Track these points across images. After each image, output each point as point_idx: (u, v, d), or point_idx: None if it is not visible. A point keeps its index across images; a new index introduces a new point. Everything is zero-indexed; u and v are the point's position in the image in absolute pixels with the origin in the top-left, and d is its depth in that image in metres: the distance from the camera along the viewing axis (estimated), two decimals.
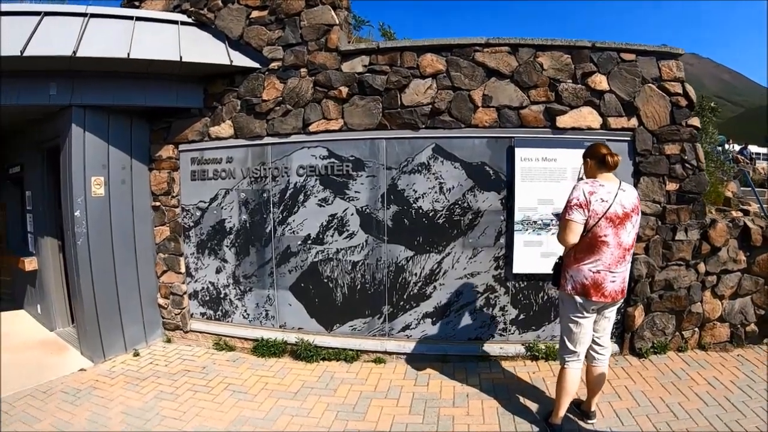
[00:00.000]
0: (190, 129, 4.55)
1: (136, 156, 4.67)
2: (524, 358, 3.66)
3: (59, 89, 4.04)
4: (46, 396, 3.59)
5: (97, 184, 4.32)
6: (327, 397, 3.33)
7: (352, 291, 3.97)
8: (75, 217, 4.18)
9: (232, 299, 4.53)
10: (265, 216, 4.13)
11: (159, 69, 4.21)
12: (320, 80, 3.94)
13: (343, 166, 3.88)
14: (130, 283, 4.65)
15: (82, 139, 4.20)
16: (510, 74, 3.60)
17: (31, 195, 5.47)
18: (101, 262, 4.37)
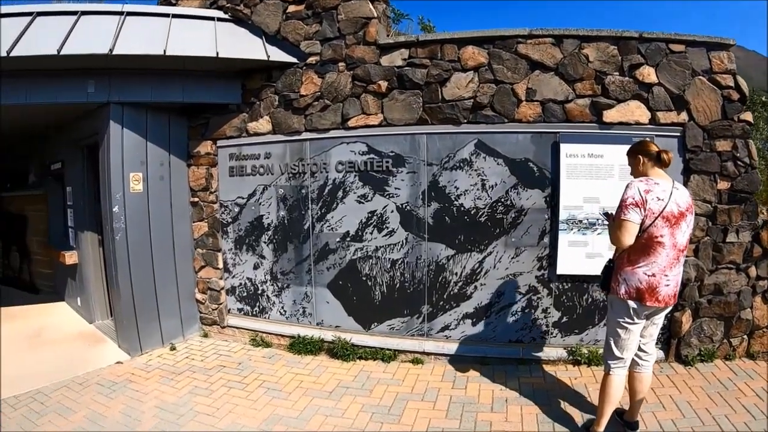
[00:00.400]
0: (228, 125, 4.70)
1: (174, 152, 4.85)
2: (566, 362, 3.63)
3: (97, 87, 4.19)
4: (82, 388, 3.74)
5: (135, 180, 4.51)
6: (362, 397, 3.36)
7: (391, 289, 4.01)
8: (113, 213, 4.36)
9: (270, 295, 4.68)
10: (304, 212, 4.22)
11: (196, 65, 4.34)
12: (359, 74, 3.98)
13: (383, 162, 3.92)
14: (167, 277, 4.83)
15: (120, 135, 4.37)
16: (554, 67, 3.55)
17: (71, 191, 5.75)
18: (139, 256, 4.55)
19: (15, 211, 7.46)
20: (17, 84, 4.07)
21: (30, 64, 3.76)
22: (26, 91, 4.12)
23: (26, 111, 4.66)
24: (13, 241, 7.67)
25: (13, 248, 7.77)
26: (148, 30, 3.93)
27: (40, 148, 6.86)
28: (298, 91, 4.16)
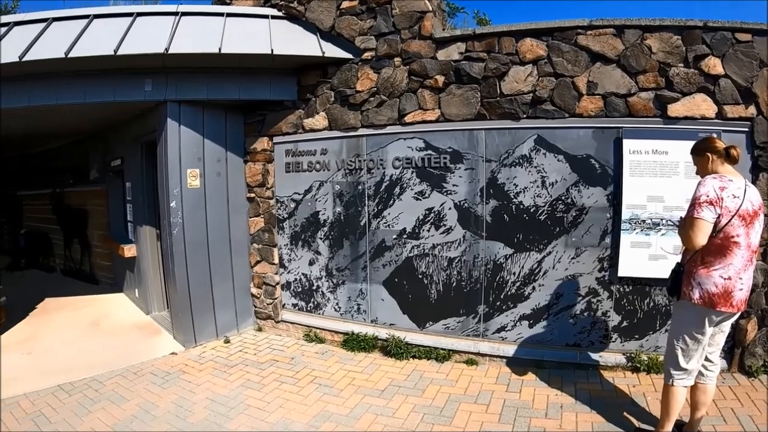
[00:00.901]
0: (284, 121, 5.25)
1: (231, 148, 5.45)
2: (624, 368, 3.77)
3: (154, 86, 4.61)
4: (136, 377, 4.19)
5: (192, 176, 5.14)
6: (414, 397, 3.58)
7: (447, 288, 4.38)
8: (171, 208, 4.96)
9: (324, 291, 5.21)
10: (360, 209, 4.65)
11: (251, 63, 4.76)
12: (415, 69, 4.28)
13: (441, 158, 4.24)
14: (223, 271, 5.45)
15: (177, 132, 4.95)
16: (616, 58, 3.67)
17: (130, 186, 6.54)
18: (196, 251, 5.15)
19: (77, 206, 8.60)
20: (75, 84, 4.71)
21: (87, 65, 4.27)
22: (84, 91, 4.75)
23: (85, 110, 5.37)
24: (75, 235, 8.82)
25: (74, 241, 8.91)
26: (203, 29, 4.38)
27: (101, 146, 7.78)
28: (353, 86, 4.55)
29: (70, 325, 6.11)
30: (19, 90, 4.67)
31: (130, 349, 5.19)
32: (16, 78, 4.60)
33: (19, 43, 4.32)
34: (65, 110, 5.30)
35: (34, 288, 8.41)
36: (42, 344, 5.45)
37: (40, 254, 10.09)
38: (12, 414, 3.57)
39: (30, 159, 10.46)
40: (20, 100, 4.72)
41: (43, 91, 4.70)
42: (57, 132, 7.54)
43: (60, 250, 9.52)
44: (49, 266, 9.92)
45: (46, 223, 9.80)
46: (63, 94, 4.71)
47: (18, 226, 10.88)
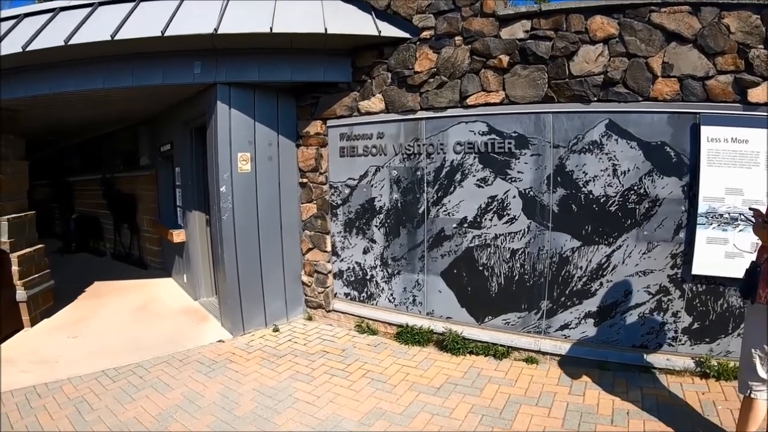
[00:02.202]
0: (338, 104, 5.60)
1: (282, 132, 5.99)
2: (692, 374, 3.88)
3: (203, 68, 5.01)
4: (182, 365, 4.58)
5: (243, 160, 5.68)
6: (472, 396, 3.76)
7: (509, 281, 4.63)
8: (221, 193, 5.45)
9: (379, 281, 5.66)
10: (418, 196, 4.99)
11: (303, 43, 4.95)
12: (477, 48, 4.50)
13: (505, 143, 4.48)
14: (274, 258, 6.03)
15: (227, 116, 5.25)
16: (692, 38, 3.75)
17: (180, 171, 7.25)
18: (246, 237, 5.68)
19: (126, 191, 9.66)
20: (123, 68, 4.93)
21: (134, 48, 4.67)
22: (132, 74, 4.97)
23: (135, 94, 5.96)
24: (124, 219, 9.90)
25: (124, 226, 9.99)
26: (254, 9, 4.69)
27: (150, 131, 8.64)
28: (412, 67, 4.83)
29: (118, 309, 6.89)
30: (67, 75, 5.28)
31: (177, 335, 5.80)
32: (63, 63, 5.20)
33: (65, 28, 4.85)
34: (114, 96, 5.93)
35: (83, 271, 9.46)
36: (89, 327, 6.19)
37: (90, 238, 11.52)
38: (54, 399, 3.93)
39: (80, 146, 11.86)
40: (67, 85, 5.32)
41: (90, 75, 5.26)
42: (108, 119, 8.38)
43: (110, 234, 10.77)
44: (99, 250, 11.27)
45: (97, 208, 11.15)
46: (110, 78, 5.21)
47: (69, 211, 12.47)
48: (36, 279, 6.38)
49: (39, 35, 4.56)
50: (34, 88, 5.31)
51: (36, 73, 5.30)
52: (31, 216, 6.61)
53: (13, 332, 5.97)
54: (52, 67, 5.23)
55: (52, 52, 4.65)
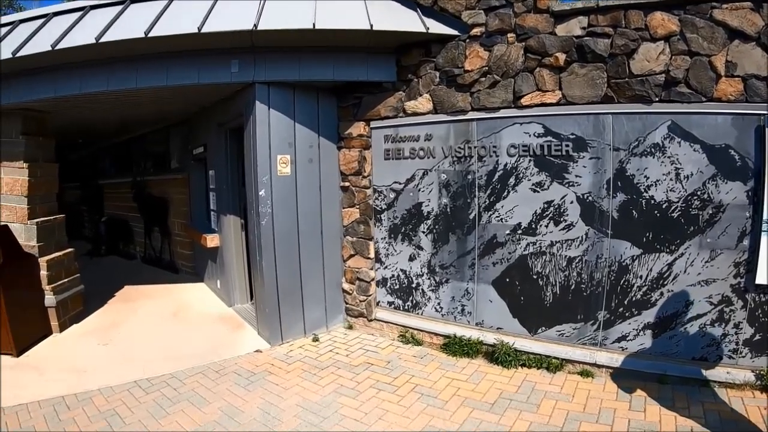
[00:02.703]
0: (382, 104, 5.67)
1: (323, 134, 6.06)
2: (753, 387, 3.88)
3: (241, 66, 5.06)
4: (219, 376, 4.62)
5: (283, 162, 5.76)
6: (529, 413, 3.76)
7: (565, 291, 4.63)
8: (260, 197, 5.39)
9: (425, 290, 5.70)
10: (469, 200, 5.02)
11: (346, 41, 5.02)
12: (532, 46, 4.49)
13: (562, 146, 4.47)
14: (314, 265, 6.09)
15: (266, 116, 5.29)
16: (756, 36, 3.72)
17: (214, 174, 7.38)
18: (285, 242, 5.63)
19: (157, 194, 9.96)
20: (157, 66, 4.99)
21: (169, 45, 4.75)
22: (166, 73, 5.04)
23: (169, 94, 6.08)
24: (155, 223, 10.21)
25: (155, 229, 10.32)
26: (294, 5, 4.72)
27: (183, 133, 8.83)
28: (461, 66, 4.85)
29: (150, 315, 7.06)
30: (98, 74, 5.40)
31: (212, 343, 5.91)
32: (94, 63, 5.32)
33: (95, 26, 4.94)
34: (147, 97, 6.09)
35: (113, 275, 9.75)
36: (120, 334, 6.33)
37: (120, 241, 12.00)
38: (84, 411, 3.96)
39: (111, 148, 12.37)
40: (98, 85, 5.45)
41: (122, 75, 5.35)
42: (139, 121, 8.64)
43: (140, 237, 11.13)
44: (129, 253, 11.70)
45: (127, 211, 11.55)
46: (144, 76, 5.08)
47: (99, 213, 13.04)
48: (65, 284, 6.57)
49: (69, 33, 4.66)
50: (63, 88, 5.21)
51: (65, 73, 5.42)
52: (60, 219, 6.81)
53: (42, 338, 6.16)
54: (83, 66, 5.35)
55: (82, 51, 4.80)
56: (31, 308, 6.04)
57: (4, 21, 5.20)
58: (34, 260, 6.15)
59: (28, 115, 6.33)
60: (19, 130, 6.29)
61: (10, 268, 5.64)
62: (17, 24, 5.05)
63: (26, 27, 4.96)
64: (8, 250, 5.72)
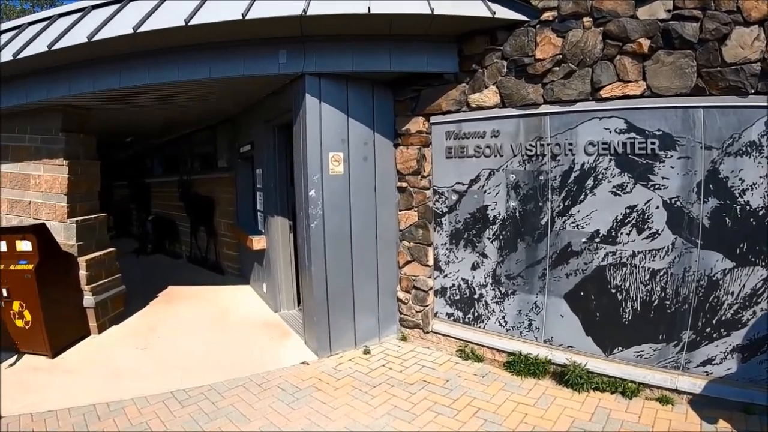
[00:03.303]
0: (444, 98, 5.57)
1: (379, 130, 6.03)
2: None
3: (289, 57, 5.08)
4: (261, 390, 4.61)
5: (335, 160, 5.73)
6: None
7: (646, 307, 4.43)
8: (310, 197, 5.40)
9: (489, 302, 5.59)
10: (541, 204, 4.88)
11: (404, 27, 4.95)
12: (611, 31, 4.36)
13: (647, 144, 4.30)
14: (367, 272, 6.00)
15: (317, 111, 5.32)
16: None
17: (261, 173, 7.48)
18: (337, 247, 5.58)
19: (204, 193, 10.37)
20: (200, 58, 5.06)
21: (212, 35, 4.79)
22: (209, 65, 5.10)
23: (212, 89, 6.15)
24: (201, 222, 10.62)
25: (200, 229, 10.74)
26: None
27: (229, 131, 9.05)
28: (532, 54, 4.76)
29: (192, 318, 7.23)
30: (138, 67, 5.50)
31: (255, 352, 5.98)
32: (133, 55, 5.43)
33: (134, 17, 4.97)
34: (191, 93, 6.19)
35: (158, 274, 10.17)
36: (159, 338, 6.49)
37: (167, 240, 12.76)
38: (115, 422, 4.00)
39: (158, 147, 13.04)
40: (137, 78, 5.55)
41: (163, 67, 5.41)
42: (186, 119, 8.91)
43: (186, 237, 11.67)
44: (175, 252, 12.39)
45: (173, 210, 12.19)
46: (186, 69, 5.15)
47: (146, 212, 13.91)
48: (105, 284, 6.84)
49: (106, 25, 4.74)
50: (101, 82, 5.36)
51: (105, 67, 5.54)
52: (102, 218, 7.09)
53: (79, 339, 6.42)
54: (122, 59, 5.46)
55: (121, 42, 5.03)
56: (69, 309, 6.32)
57: (43, 16, 5.36)
58: (73, 260, 6.42)
59: (69, 112, 6.60)
60: (59, 127, 6.57)
61: (48, 267, 5.90)
62: (56, 18, 5.21)
63: (64, 21, 5.10)
64: (46, 248, 5.97)
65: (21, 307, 5.89)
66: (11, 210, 6.83)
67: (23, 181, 6.77)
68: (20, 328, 5.95)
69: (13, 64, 5.44)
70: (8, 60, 5.39)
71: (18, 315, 5.93)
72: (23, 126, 6.74)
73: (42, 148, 6.65)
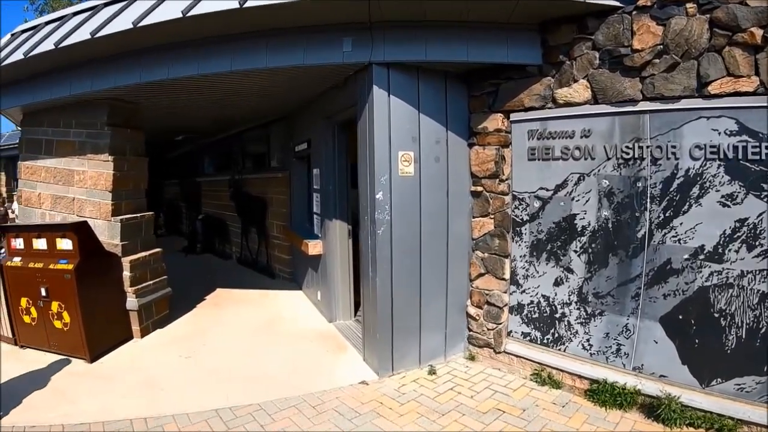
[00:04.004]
0: (526, 93, 5.40)
1: (452, 128, 5.95)
2: None
3: (355, 44, 5.02)
4: (316, 413, 4.55)
5: (405, 160, 5.67)
6: None
7: (752, 335, 4.22)
8: (376, 201, 5.23)
9: (572, 322, 5.40)
10: (638, 215, 4.69)
11: (482, 14, 4.85)
12: (719, 18, 4.23)
13: (761, 148, 4.10)
14: (436, 284, 5.80)
15: (386, 105, 5.26)
16: None
17: (318, 173, 7.55)
18: (405, 256, 5.47)
19: (256, 193, 10.78)
20: (256, 46, 5.07)
21: (269, 20, 4.81)
22: (266, 53, 5.10)
23: (269, 81, 6.19)
24: (252, 223, 11.06)
25: (252, 230, 11.19)
26: None
27: (284, 129, 9.29)
28: (628, 44, 4.60)
29: (241, 325, 7.35)
30: (188, 55, 5.57)
31: (309, 367, 6.00)
32: (183, 44, 5.50)
33: (185, 1, 5.01)
34: (246, 83, 6.22)
35: (206, 274, 10.58)
36: (205, 346, 6.59)
37: (216, 240, 13.50)
38: None
39: (210, 146, 13.67)
40: (187, 69, 5.62)
41: (215, 56, 5.26)
42: (241, 114, 9.07)
43: (236, 237, 12.20)
44: (224, 253, 13.04)
45: (224, 209, 12.82)
46: (240, 58, 5.19)
47: (196, 211, 14.81)
48: (150, 286, 7.08)
49: (153, 11, 4.81)
50: (149, 73, 5.49)
51: (151, 56, 5.49)
52: (148, 217, 7.32)
53: (121, 342, 6.65)
54: (170, 48, 5.54)
55: (169, 28, 5.07)
56: (111, 311, 6.57)
57: (87, 6, 5.81)
58: (116, 260, 6.68)
59: (116, 106, 6.85)
60: (104, 121, 6.82)
61: (89, 267, 6.15)
62: (101, 8, 5.33)
63: (109, 10, 5.23)
64: (87, 247, 6.21)
65: (60, 308, 6.16)
66: (54, 207, 7.16)
67: (67, 177, 7.07)
68: (59, 329, 6.22)
69: (55, 54, 5.66)
70: (50, 49, 5.62)
71: (57, 316, 6.20)
72: (68, 120, 7.06)
73: (87, 142, 6.93)
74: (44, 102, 6.77)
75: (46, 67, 6.27)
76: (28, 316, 6.40)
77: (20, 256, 6.47)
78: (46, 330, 6.29)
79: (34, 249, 6.42)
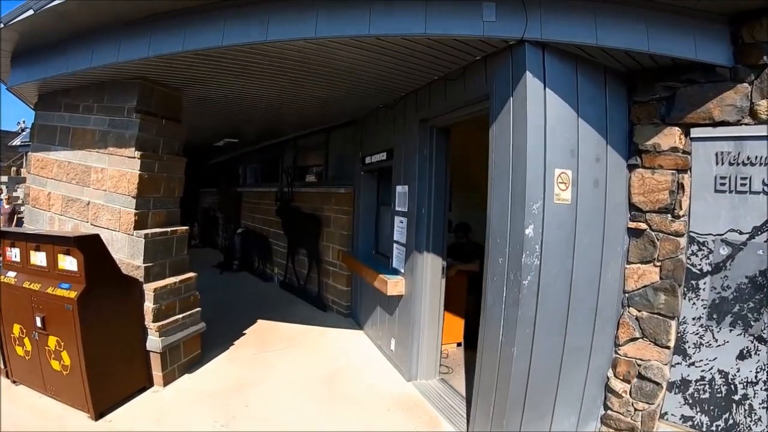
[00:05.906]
0: (715, 102, 5.16)
1: (611, 141, 5.40)
2: None
3: (500, 13, 4.62)
4: None
5: (562, 182, 5.02)
6: None
7: None
8: (525, 238, 4.86)
9: (755, 406, 5.31)
10: None
11: None
12: None
13: None
14: (580, 350, 5.52)
15: (541, 101, 4.89)
16: None
17: (405, 192, 7.41)
18: (550, 316, 5.14)
19: (308, 210, 11.16)
20: (354, 8, 4.74)
21: None
22: (369, 17, 4.72)
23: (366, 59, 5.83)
24: (302, 244, 11.40)
25: (301, 251, 11.58)
26: None
27: (348, 136, 9.50)
28: None
29: (293, 378, 7.19)
30: (251, 14, 5.09)
31: None
32: None
33: None
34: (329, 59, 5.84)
35: (244, 299, 11.02)
36: (248, 408, 6.33)
37: (257, 258, 14.33)
38: None
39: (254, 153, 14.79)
40: (252, 32, 5.09)
41: (290, 15, 4.98)
42: (298, 112, 9.08)
43: (281, 258, 12.78)
44: (265, 273, 13.82)
45: (268, 225, 13.58)
46: (329, 20, 4.85)
47: (235, 223, 15.79)
48: (179, 321, 6.89)
49: None
50: (195, 39, 5.24)
51: (199, 16, 5.24)
52: (181, 233, 7.09)
53: (137, 392, 6.45)
54: (226, 4, 5.06)
55: None
56: (125, 352, 6.32)
57: None
58: (135, 287, 6.43)
59: (148, 88, 6.59)
60: (133, 106, 6.56)
61: (97, 297, 5.87)
62: None
63: None
64: (96, 270, 5.93)
65: (58, 345, 5.93)
66: (65, 210, 6.95)
67: (82, 175, 6.86)
68: (57, 372, 5.99)
69: (73, 9, 5.40)
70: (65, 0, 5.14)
71: (54, 355, 5.98)
72: (88, 104, 6.85)
73: (110, 133, 6.69)
74: (60, 77, 6.56)
75: (62, 28, 6.02)
76: (22, 348, 6.23)
77: (15, 271, 6.29)
78: (41, 369, 6.10)
79: (31, 264, 6.22)
